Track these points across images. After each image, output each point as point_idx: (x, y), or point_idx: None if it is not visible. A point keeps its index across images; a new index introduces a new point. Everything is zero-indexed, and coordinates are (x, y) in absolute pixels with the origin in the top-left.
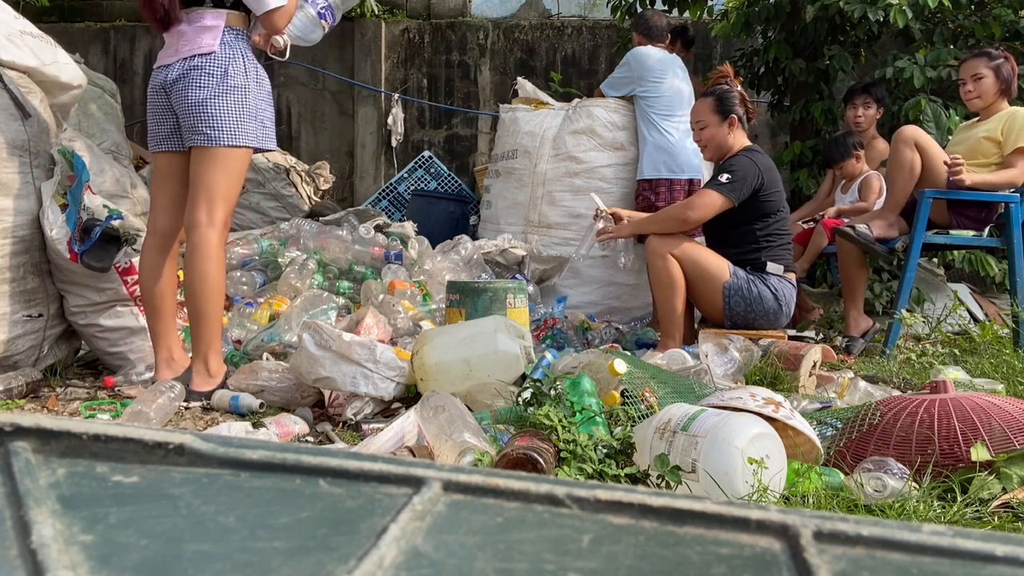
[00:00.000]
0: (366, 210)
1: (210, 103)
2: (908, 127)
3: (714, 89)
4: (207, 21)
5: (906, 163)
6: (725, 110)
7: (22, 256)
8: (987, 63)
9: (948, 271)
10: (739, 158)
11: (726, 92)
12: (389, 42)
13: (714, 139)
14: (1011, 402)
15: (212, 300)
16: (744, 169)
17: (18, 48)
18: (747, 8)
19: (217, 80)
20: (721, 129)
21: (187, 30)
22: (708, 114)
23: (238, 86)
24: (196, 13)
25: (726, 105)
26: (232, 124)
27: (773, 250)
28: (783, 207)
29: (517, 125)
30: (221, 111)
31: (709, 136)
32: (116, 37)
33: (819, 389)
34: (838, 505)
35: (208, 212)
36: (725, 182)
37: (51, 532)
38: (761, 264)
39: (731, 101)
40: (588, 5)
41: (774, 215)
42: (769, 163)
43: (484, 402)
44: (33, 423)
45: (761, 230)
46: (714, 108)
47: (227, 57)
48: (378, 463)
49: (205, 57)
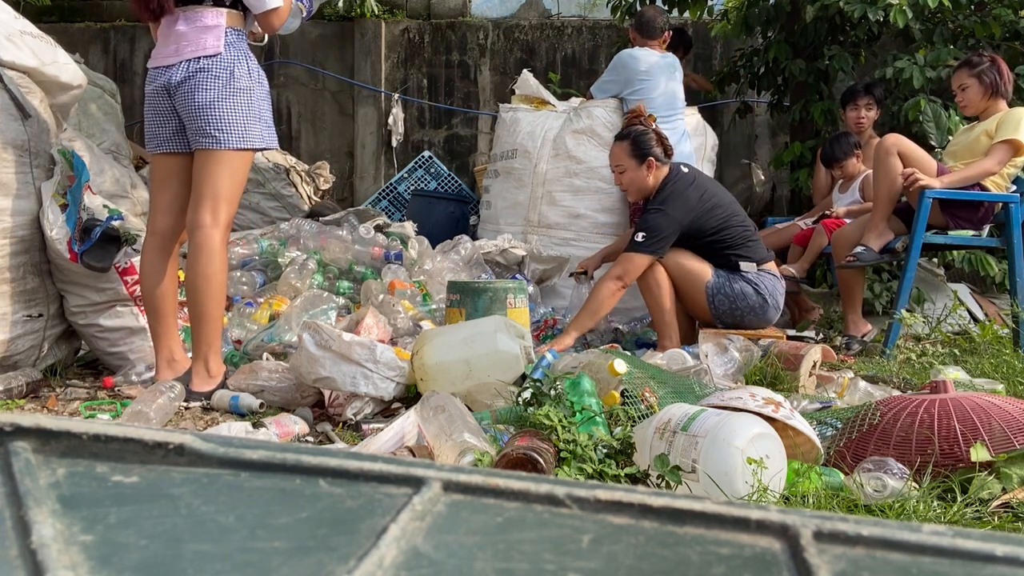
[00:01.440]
0: (366, 210)
1: (217, 106)
2: (890, 136)
3: (628, 131)
4: (207, 21)
5: (891, 172)
6: (642, 153)
7: (22, 256)
8: (968, 72)
9: (948, 271)
10: (650, 212)
11: (640, 134)
12: (389, 42)
13: (633, 183)
14: (1011, 402)
15: (214, 300)
16: (657, 224)
17: (18, 48)
18: (747, 8)
19: (223, 82)
20: (640, 172)
21: (185, 30)
22: (625, 158)
23: (244, 88)
24: (194, 12)
25: (642, 148)
26: (240, 127)
27: (738, 251)
28: (727, 210)
29: (517, 125)
30: (229, 113)
31: (628, 180)
32: (116, 37)
33: (819, 389)
34: (838, 505)
35: (213, 213)
36: (642, 241)
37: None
38: (736, 266)
39: (646, 143)
40: (588, 5)
41: (723, 227)
42: (687, 192)
43: (484, 402)
44: (33, 423)
45: (719, 242)
46: (630, 152)
47: (232, 59)
48: (378, 463)
49: (211, 59)
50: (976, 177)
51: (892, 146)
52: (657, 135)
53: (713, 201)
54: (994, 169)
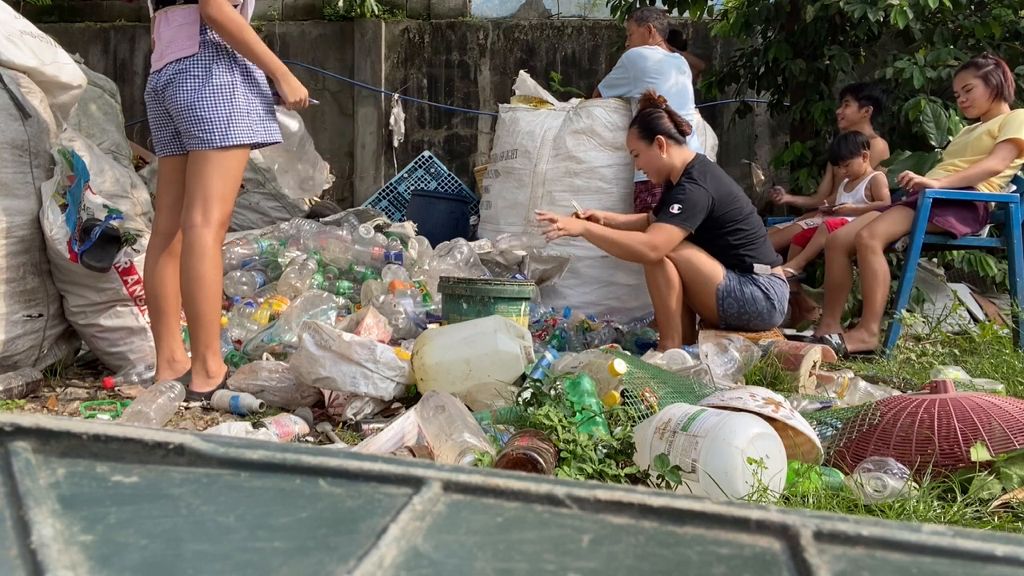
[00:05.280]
0: (366, 210)
1: (197, 106)
2: (863, 233)
3: (637, 115)
4: (180, 19)
5: (880, 271)
6: (650, 132)
7: (22, 256)
8: (974, 73)
9: (948, 271)
10: (684, 185)
11: (647, 115)
12: (389, 42)
13: (648, 163)
14: (1011, 402)
15: (208, 301)
16: (692, 197)
17: (18, 48)
18: (747, 8)
19: (201, 82)
20: (652, 151)
21: (166, 32)
22: (635, 142)
23: (224, 84)
24: (173, 12)
25: (649, 128)
26: (222, 125)
27: (753, 251)
28: (747, 208)
29: (516, 125)
30: (208, 112)
31: (644, 162)
32: (116, 37)
33: (819, 389)
34: (838, 505)
35: (204, 212)
36: (677, 213)
37: (51, 532)
38: (748, 267)
39: (653, 123)
40: (588, 5)
41: (742, 220)
42: (717, 173)
43: (484, 402)
44: (33, 423)
45: (735, 236)
46: (639, 135)
47: (209, 57)
48: (378, 463)
49: (188, 60)
50: (978, 177)
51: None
52: (669, 113)
53: (737, 191)
54: (997, 168)
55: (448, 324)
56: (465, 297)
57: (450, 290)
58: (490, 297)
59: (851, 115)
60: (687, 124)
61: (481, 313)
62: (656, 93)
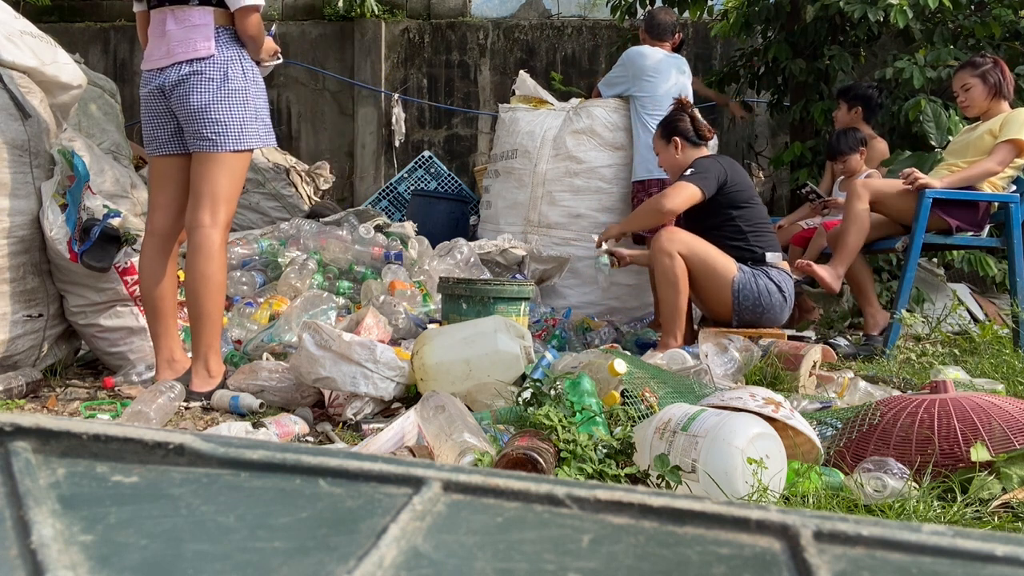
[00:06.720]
0: (366, 210)
1: (212, 108)
2: (858, 181)
3: (663, 119)
4: (195, 20)
5: (858, 216)
6: (668, 134)
7: (22, 256)
8: (972, 73)
9: (948, 271)
10: (697, 160)
11: (669, 117)
12: (389, 42)
13: (666, 162)
14: (1011, 402)
15: (214, 300)
16: (705, 165)
17: (18, 48)
18: (747, 8)
19: (218, 85)
20: (668, 152)
21: (175, 30)
22: (657, 142)
23: (239, 89)
24: (183, 11)
25: (667, 129)
26: (236, 128)
27: (762, 240)
28: (756, 197)
29: (516, 125)
30: (225, 116)
31: (663, 161)
32: (116, 37)
33: (819, 389)
34: (838, 505)
35: (212, 213)
36: (691, 174)
37: (51, 532)
38: (760, 256)
39: (673, 125)
40: (588, 5)
41: (749, 203)
42: (730, 161)
43: (484, 402)
44: (33, 423)
45: (745, 220)
46: (660, 135)
47: (225, 60)
48: (378, 463)
49: (204, 61)
50: (978, 177)
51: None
52: (691, 117)
53: (746, 178)
54: (997, 169)
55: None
56: (465, 297)
57: (450, 290)
58: (490, 297)
59: (842, 117)
60: (709, 129)
61: (481, 313)
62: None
